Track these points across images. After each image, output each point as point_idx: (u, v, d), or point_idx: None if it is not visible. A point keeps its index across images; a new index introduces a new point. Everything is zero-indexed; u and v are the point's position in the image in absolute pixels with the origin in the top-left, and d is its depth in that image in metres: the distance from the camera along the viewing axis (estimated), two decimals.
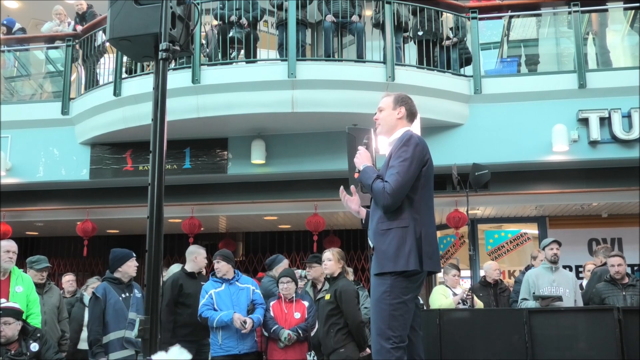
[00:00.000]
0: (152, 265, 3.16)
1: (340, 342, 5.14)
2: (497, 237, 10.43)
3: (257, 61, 7.91)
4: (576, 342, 5.09)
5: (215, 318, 5.44)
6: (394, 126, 3.48)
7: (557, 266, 6.19)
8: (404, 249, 3.16)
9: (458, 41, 8.05)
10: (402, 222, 3.21)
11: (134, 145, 8.32)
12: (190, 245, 6.57)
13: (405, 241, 3.17)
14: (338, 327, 5.16)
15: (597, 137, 7.42)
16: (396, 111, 3.48)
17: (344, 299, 5.15)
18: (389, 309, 3.14)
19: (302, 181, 8.50)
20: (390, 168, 3.25)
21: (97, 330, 5.17)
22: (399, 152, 3.27)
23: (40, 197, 9.12)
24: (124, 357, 5.15)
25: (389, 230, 3.23)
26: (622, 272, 6.02)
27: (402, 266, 3.15)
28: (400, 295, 3.15)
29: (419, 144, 3.29)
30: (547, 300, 5.74)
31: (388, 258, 3.19)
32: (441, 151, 7.53)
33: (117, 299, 5.28)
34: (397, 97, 3.54)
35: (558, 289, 5.99)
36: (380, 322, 3.16)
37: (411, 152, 3.24)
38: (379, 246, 3.25)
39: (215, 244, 12.59)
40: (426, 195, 3.31)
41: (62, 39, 9.09)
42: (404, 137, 3.32)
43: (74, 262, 13.16)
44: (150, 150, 3.28)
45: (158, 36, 3.32)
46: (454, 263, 7.52)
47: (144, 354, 3.06)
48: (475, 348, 5.27)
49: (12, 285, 5.15)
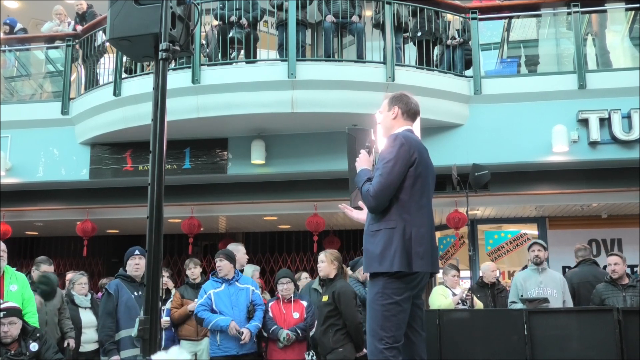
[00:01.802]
0: (151, 266, 3.16)
1: (339, 342, 5.16)
2: (497, 238, 10.43)
3: (257, 61, 7.90)
4: (576, 342, 5.09)
5: (211, 321, 5.44)
6: (391, 127, 3.49)
7: (543, 267, 6.24)
8: (390, 250, 3.18)
9: (463, 42, 8.05)
10: (390, 223, 3.23)
11: (133, 145, 8.32)
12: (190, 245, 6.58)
13: (392, 242, 3.18)
14: (337, 328, 5.18)
15: (597, 138, 7.42)
16: (391, 112, 3.50)
17: (342, 300, 5.16)
18: (381, 309, 3.16)
19: (302, 181, 8.50)
20: (376, 170, 3.29)
21: (110, 326, 5.14)
22: (383, 153, 3.30)
23: (40, 197, 9.11)
24: (134, 355, 5.10)
25: (377, 232, 3.25)
26: (619, 272, 6.00)
27: (387, 267, 3.17)
28: (392, 295, 3.16)
29: (405, 144, 3.26)
30: (533, 302, 5.75)
31: (374, 259, 3.22)
32: (441, 152, 7.53)
33: (129, 296, 5.25)
34: (391, 98, 3.54)
35: (546, 290, 6.03)
36: (373, 322, 3.18)
37: (395, 153, 3.23)
38: (367, 247, 3.30)
39: (215, 244, 12.61)
40: (417, 195, 3.28)
41: (62, 39, 9.09)
42: (390, 138, 3.34)
43: (74, 262, 13.14)
44: (150, 150, 3.28)
45: (158, 36, 3.32)
46: (453, 264, 7.53)
47: (144, 354, 3.06)
48: (475, 348, 5.27)
49: (6, 284, 5.11)
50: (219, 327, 5.42)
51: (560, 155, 7.54)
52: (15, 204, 9.03)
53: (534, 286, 6.06)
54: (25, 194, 9.01)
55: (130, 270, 5.38)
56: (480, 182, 6.72)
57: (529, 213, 9.78)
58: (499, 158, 7.62)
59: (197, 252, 12.18)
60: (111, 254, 13.06)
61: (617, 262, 6.03)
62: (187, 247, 9.72)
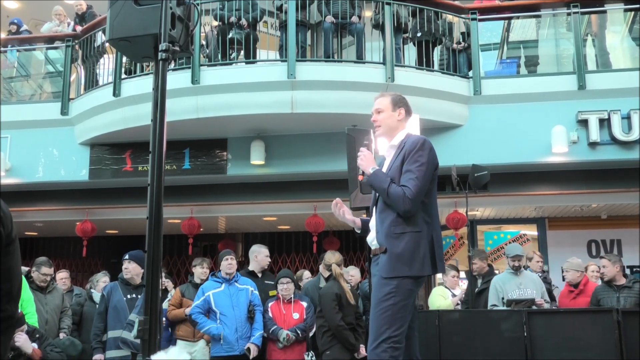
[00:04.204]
0: (151, 266, 3.16)
1: (326, 344, 5.25)
2: (497, 238, 10.43)
3: (256, 62, 7.91)
4: (575, 343, 5.09)
5: (205, 327, 5.48)
6: (395, 128, 3.46)
7: (520, 270, 6.26)
8: (419, 253, 3.17)
9: (468, 46, 8.04)
10: (417, 226, 3.21)
11: (133, 145, 8.32)
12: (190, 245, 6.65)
13: (420, 245, 3.18)
14: (324, 330, 5.25)
15: (596, 139, 7.42)
16: (396, 112, 3.46)
17: (322, 302, 5.25)
18: (393, 309, 3.12)
19: (302, 182, 8.49)
20: (407, 172, 3.24)
21: (99, 326, 5.44)
22: (414, 156, 3.27)
23: (40, 198, 9.11)
24: (118, 356, 5.25)
25: (403, 234, 3.21)
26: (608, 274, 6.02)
27: (417, 270, 3.16)
28: (405, 297, 3.15)
29: (432, 149, 3.34)
30: (520, 304, 5.77)
31: (403, 262, 3.16)
32: (440, 152, 7.37)
33: (120, 298, 5.38)
34: (395, 98, 3.51)
35: (526, 291, 6.09)
36: (381, 321, 3.13)
37: (427, 157, 3.27)
38: (393, 250, 3.20)
39: (214, 244, 12.61)
40: (434, 198, 3.34)
41: (62, 40, 9.09)
42: (417, 141, 3.32)
43: (73, 263, 13.15)
44: (150, 150, 3.28)
45: (158, 37, 3.32)
46: (453, 264, 7.53)
47: (143, 354, 3.06)
48: (474, 349, 5.28)
49: None
50: (211, 335, 5.47)
51: (559, 156, 7.54)
52: (15, 204, 9.00)
53: (514, 288, 6.11)
54: (25, 195, 9.00)
55: (123, 272, 5.58)
56: (479, 182, 6.72)
57: (528, 214, 9.78)
58: (498, 159, 7.62)
59: (196, 252, 12.17)
60: (110, 254, 13.05)
61: (604, 264, 6.08)
62: (186, 247, 9.71)
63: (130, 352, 5.21)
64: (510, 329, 5.24)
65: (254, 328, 5.55)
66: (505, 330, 5.28)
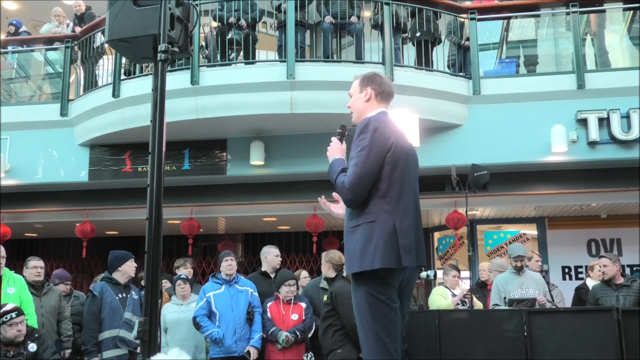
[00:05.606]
0: (151, 267, 3.16)
1: (337, 343, 5.16)
2: (497, 238, 10.43)
3: (256, 62, 7.91)
4: (575, 342, 5.10)
5: (208, 331, 5.47)
6: (363, 111, 3.16)
7: (523, 270, 6.27)
8: (370, 247, 2.83)
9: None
10: (369, 216, 2.89)
11: (133, 146, 8.31)
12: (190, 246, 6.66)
13: (372, 237, 2.84)
14: (335, 329, 5.18)
15: (596, 138, 7.42)
16: (363, 93, 3.18)
17: (339, 300, 5.17)
18: (369, 311, 2.86)
19: (302, 182, 8.49)
20: (350, 160, 2.95)
21: (93, 327, 5.27)
22: (357, 141, 2.96)
23: (39, 199, 9.10)
24: (116, 355, 5.24)
25: (357, 227, 2.92)
26: (608, 273, 6.03)
27: (368, 265, 2.82)
28: (377, 295, 2.85)
29: (379, 128, 2.94)
30: (521, 303, 5.78)
31: (354, 257, 2.88)
32: (440, 152, 7.53)
33: (113, 297, 5.37)
34: (362, 78, 3.24)
35: (528, 291, 6.11)
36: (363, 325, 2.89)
37: (369, 139, 2.91)
38: (347, 245, 2.97)
39: (214, 245, 12.59)
40: (397, 183, 2.93)
41: (61, 41, 9.09)
42: (362, 124, 2.99)
43: (73, 264, 13.12)
44: (149, 151, 3.28)
45: (157, 37, 3.32)
46: (453, 264, 7.52)
47: (143, 355, 3.06)
48: (475, 349, 5.28)
49: (4, 287, 5.18)
50: (212, 339, 5.46)
51: (559, 156, 7.54)
52: (15, 205, 9.02)
53: (516, 287, 6.13)
54: (25, 196, 9.00)
55: (129, 271, 5.62)
56: (479, 182, 6.72)
57: (528, 213, 9.78)
58: (498, 158, 7.62)
59: (196, 253, 12.18)
60: None
61: (605, 264, 6.10)
62: (186, 248, 9.70)
63: (128, 350, 5.22)
64: (511, 328, 5.24)
65: (253, 330, 5.55)
66: (505, 330, 5.28)
